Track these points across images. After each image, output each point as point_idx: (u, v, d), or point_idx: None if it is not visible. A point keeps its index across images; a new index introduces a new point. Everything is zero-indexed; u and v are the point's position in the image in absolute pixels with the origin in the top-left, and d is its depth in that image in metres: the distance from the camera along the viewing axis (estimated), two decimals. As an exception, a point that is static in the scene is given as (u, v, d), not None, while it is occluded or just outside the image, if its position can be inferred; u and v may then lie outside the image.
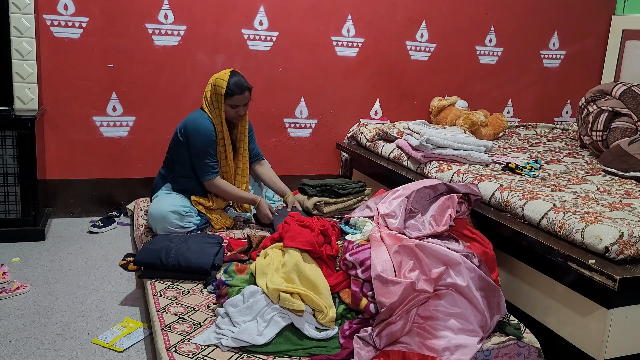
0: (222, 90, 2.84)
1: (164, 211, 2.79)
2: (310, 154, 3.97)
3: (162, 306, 2.17)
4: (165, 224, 2.79)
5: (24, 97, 3.20)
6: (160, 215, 2.79)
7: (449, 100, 3.94)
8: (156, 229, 2.83)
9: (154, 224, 2.83)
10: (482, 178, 2.68)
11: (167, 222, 2.79)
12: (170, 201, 2.85)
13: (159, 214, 2.80)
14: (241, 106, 2.91)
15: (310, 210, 3.00)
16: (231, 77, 2.87)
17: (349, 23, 3.84)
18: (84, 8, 3.34)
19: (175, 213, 2.80)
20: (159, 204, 2.84)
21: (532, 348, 2.01)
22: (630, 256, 1.93)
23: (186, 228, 2.84)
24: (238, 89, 2.85)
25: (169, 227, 2.79)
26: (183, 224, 2.83)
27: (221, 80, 2.86)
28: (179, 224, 2.81)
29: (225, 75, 2.87)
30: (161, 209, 2.81)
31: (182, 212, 2.82)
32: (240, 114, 2.93)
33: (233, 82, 2.85)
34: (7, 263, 2.80)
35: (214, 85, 2.88)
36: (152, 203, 2.93)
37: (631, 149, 3.05)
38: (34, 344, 2.14)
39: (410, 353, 1.88)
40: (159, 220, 2.80)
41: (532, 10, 4.23)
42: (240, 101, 2.88)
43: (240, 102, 2.88)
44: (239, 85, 2.86)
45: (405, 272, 2.01)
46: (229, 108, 2.89)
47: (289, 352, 1.90)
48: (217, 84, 2.86)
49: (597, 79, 4.44)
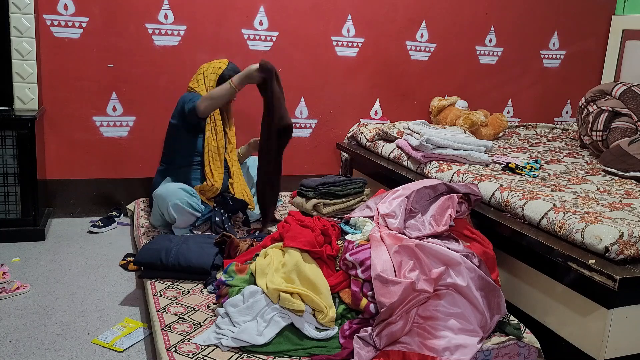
0: (220, 70, 3.03)
1: (174, 188, 2.83)
2: (310, 154, 3.96)
3: (162, 306, 2.17)
4: (175, 199, 2.77)
5: (24, 97, 3.20)
6: (169, 191, 2.80)
7: (449, 100, 3.94)
8: (167, 208, 2.79)
9: (162, 203, 2.81)
10: (482, 178, 2.68)
11: (178, 197, 2.79)
12: (176, 185, 2.89)
13: (168, 191, 2.81)
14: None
15: (310, 212, 3.00)
16: (229, 64, 3.07)
17: (349, 23, 3.85)
18: (84, 8, 3.35)
19: (184, 190, 2.84)
20: (165, 186, 2.88)
21: (532, 348, 2.01)
22: (630, 256, 1.93)
23: (194, 210, 2.84)
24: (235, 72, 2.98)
25: (180, 202, 2.78)
26: (192, 202, 2.83)
27: (219, 63, 3.07)
28: (188, 201, 2.82)
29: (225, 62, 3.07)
30: (169, 187, 2.85)
31: (190, 191, 2.86)
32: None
33: (231, 67, 3.06)
34: (7, 263, 2.80)
35: (210, 67, 3.06)
36: (157, 189, 2.92)
37: (631, 149, 3.05)
38: (34, 344, 2.14)
39: (410, 353, 1.88)
40: (170, 195, 2.79)
41: (532, 10, 4.23)
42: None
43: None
44: (236, 69, 3.04)
45: (405, 272, 2.01)
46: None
47: (289, 352, 1.90)
48: (215, 65, 3.06)
49: (597, 79, 4.44)
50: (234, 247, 2.53)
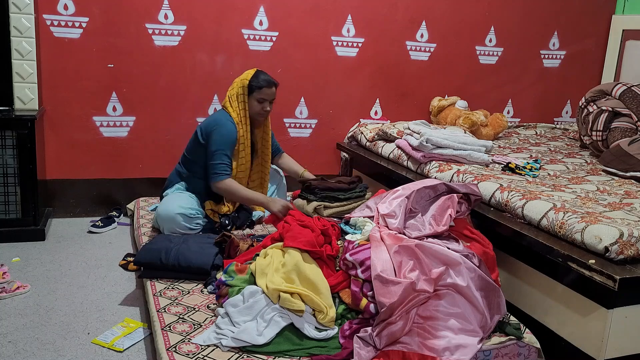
0: (246, 82, 2.93)
1: (172, 213, 2.82)
2: (310, 154, 3.96)
3: (162, 306, 2.17)
4: (173, 225, 2.82)
5: (24, 97, 3.20)
6: (168, 216, 2.82)
7: (449, 100, 3.94)
8: (163, 229, 2.85)
9: (161, 224, 2.85)
10: (482, 178, 2.68)
11: (175, 223, 2.81)
12: (179, 203, 2.86)
13: (167, 215, 2.82)
14: (268, 101, 2.97)
15: (310, 214, 3.00)
16: (259, 73, 2.98)
17: (349, 23, 3.84)
18: (84, 8, 3.34)
19: (183, 215, 2.82)
20: (167, 205, 2.86)
21: (532, 348, 2.01)
22: (630, 256, 1.93)
23: (193, 230, 2.86)
24: (266, 82, 2.94)
25: (177, 228, 2.82)
26: (191, 225, 2.85)
27: (249, 75, 2.96)
28: (187, 225, 2.84)
29: (252, 72, 2.98)
30: (169, 210, 2.83)
31: (190, 214, 2.85)
32: (267, 109, 2.98)
33: (262, 77, 2.96)
34: (7, 263, 2.80)
35: (241, 80, 2.96)
36: (161, 203, 2.94)
37: (631, 149, 3.05)
38: (34, 344, 2.14)
39: (410, 353, 1.88)
40: (167, 221, 2.82)
41: (532, 10, 4.23)
42: (267, 95, 2.95)
43: (267, 97, 2.95)
44: (266, 79, 2.96)
45: (405, 272, 2.01)
46: (255, 103, 2.95)
47: (289, 352, 1.90)
48: (245, 78, 2.96)
49: (597, 79, 4.44)
50: (234, 247, 2.53)
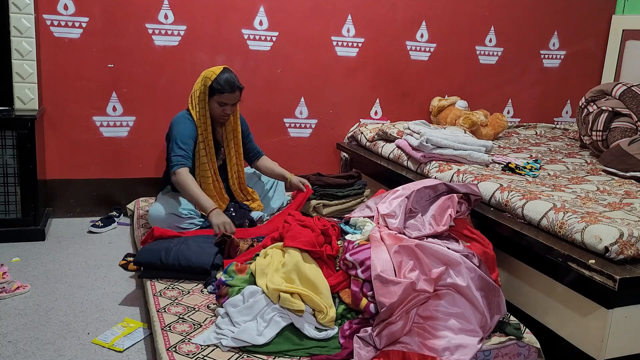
0: (210, 85, 2.76)
1: (163, 213, 2.79)
2: (310, 154, 3.96)
3: (162, 306, 2.17)
4: (164, 226, 2.75)
5: (24, 97, 3.20)
6: (159, 217, 2.79)
7: (449, 100, 3.94)
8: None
9: (152, 224, 2.83)
10: (482, 178, 2.68)
11: (166, 224, 2.76)
12: (171, 203, 2.85)
13: (158, 216, 2.80)
14: (229, 105, 2.81)
15: (310, 212, 3.00)
16: (223, 73, 2.78)
17: (349, 23, 3.84)
18: (84, 8, 3.34)
19: (174, 215, 2.79)
20: (158, 206, 2.84)
21: (532, 348, 2.01)
22: (630, 256, 1.93)
23: (187, 229, 2.83)
24: (228, 86, 2.76)
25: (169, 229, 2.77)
26: (183, 225, 2.82)
27: (212, 74, 2.78)
28: (178, 225, 2.80)
29: (217, 70, 2.79)
30: (160, 210, 2.81)
31: (182, 214, 2.80)
32: (227, 113, 2.83)
33: (224, 79, 2.76)
34: (7, 263, 2.80)
35: (204, 78, 2.80)
36: (152, 204, 2.93)
37: (631, 149, 3.05)
38: (34, 344, 2.14)
39: (410, 353, 1.88)
40: (158, 222, 2.79)
41: (532, 10, 4.23)
42: (229, 99, 2.79)
43: (228, 101, 2.80)
44: (229, 82, 2.77)
45: (405, 272, 2.01)
46: (216, 105, 2.80)
47: (289, 352, 1.90)
48: (207, 75, 2.78)
49: (597, 79, 4.44)
50: (234, 247, 2.53)
